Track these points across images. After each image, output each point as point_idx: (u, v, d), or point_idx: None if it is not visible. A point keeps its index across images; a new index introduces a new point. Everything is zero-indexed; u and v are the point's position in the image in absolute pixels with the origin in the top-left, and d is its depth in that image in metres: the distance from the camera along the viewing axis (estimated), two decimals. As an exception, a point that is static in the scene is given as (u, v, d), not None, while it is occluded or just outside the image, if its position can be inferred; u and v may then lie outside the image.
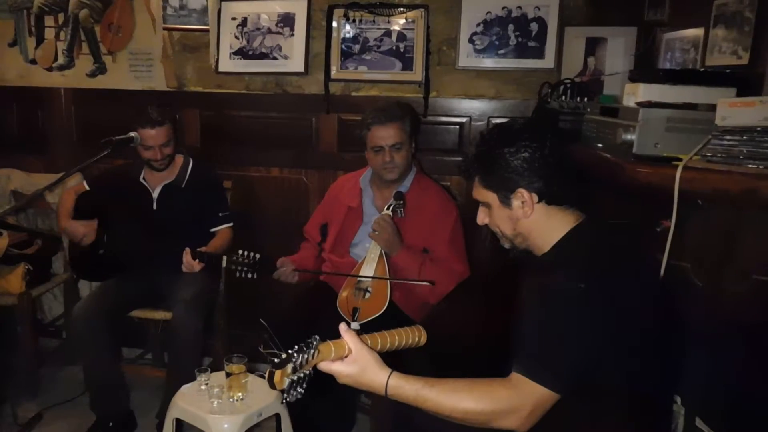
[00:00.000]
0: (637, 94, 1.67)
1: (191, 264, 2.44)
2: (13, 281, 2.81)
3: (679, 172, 1.41)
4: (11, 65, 3.24)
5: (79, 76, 3.19)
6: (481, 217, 1.56)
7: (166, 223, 2.63)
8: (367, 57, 2.88)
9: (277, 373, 1.18)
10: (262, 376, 2.06)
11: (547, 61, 2.72)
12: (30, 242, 2.98)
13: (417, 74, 2.83)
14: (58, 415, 2.74)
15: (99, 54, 3.14)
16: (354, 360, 1.31)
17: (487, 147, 1.49)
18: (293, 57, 2.93)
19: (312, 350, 1.23)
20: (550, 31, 2.70)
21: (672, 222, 1.50)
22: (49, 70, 3.21)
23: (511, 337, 1.38)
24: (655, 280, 1.53)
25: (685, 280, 1.58)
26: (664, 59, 2.23)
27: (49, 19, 3.17)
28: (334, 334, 1.34)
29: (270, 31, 2.95)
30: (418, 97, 2.84)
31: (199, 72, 3.07)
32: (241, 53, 2.98)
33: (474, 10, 2.75)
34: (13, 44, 3.22)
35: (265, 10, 2.94)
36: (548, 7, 2.69)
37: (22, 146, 3.29)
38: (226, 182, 2.92)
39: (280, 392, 1.21)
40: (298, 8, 2.90)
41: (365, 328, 2.10)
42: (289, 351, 1.20)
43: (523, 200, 1.45)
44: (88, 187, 2.76)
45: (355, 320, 2.19)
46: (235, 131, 3.06)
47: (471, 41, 2.77)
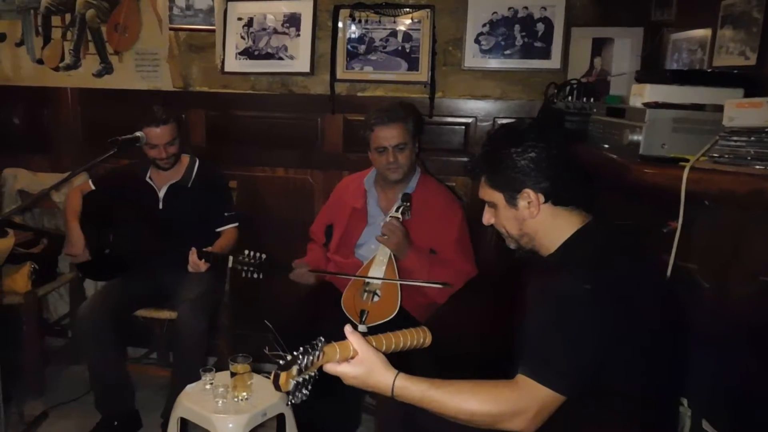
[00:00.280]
0: (644, 94, 1.67)
1: (197, 264, 2.45)
2: (19, 280, 2.82)
3: (685, 173, 1.40)
4: (18, 65, 3.25)
5: (86, 76, 3.19)
6: (487, 217, 1.56)
7: (172, 222, 2.63)
8: (373, 57, 2.88)
9: (282, 375, 1.18)
10: (266, 376, 2.06)
11: (554, 62, 2.72)
12: (36, 241, 2.99)
13: (423, 75, 2.83)
14: (64, 414, 2.75)
15: (105, 54, 3.15)
16: (360, 361, 1.31)
17: (493, 147, 1.48)
18: (299, 57, 2.93)
19: (317, 352, 1.23)
20: (556, 31, 2.70)
21: (679, 223, 1.49)
22: (56, 69, 3.22)
23: (516, 338, 1.38)
24: (662, 281, 1.53)
25: (692, 282, 1.57)
26: (671, 60, 2.22)
27: (56, 19, 3.18)
28: (340, 335, 1.33)
29: (276, 32, 2.95)
30: (424, 97, 2.84)
31: (205, 72, 3.07)
32: (247, 53, 2.99)
33: (480, 11, 2.75)
34: (20, 44, 3.23)
35: (271, 11, 2.94)
36: (554, 8, 2.69)
37: (29, 146, 3.30)
38: (232, 182, 2.93)
39: (286, 394, 1.21)
40: (304, 8, 2.90)
41: (372, 332, 2.10)
42: (294, 353, 1.20)
43: (530, 200, 1.45)
44: (93, 187, 2.77)
45: (363, 322, 2.18)
46: (240, 131, 3.06)
47: (477, 41, 2.77)
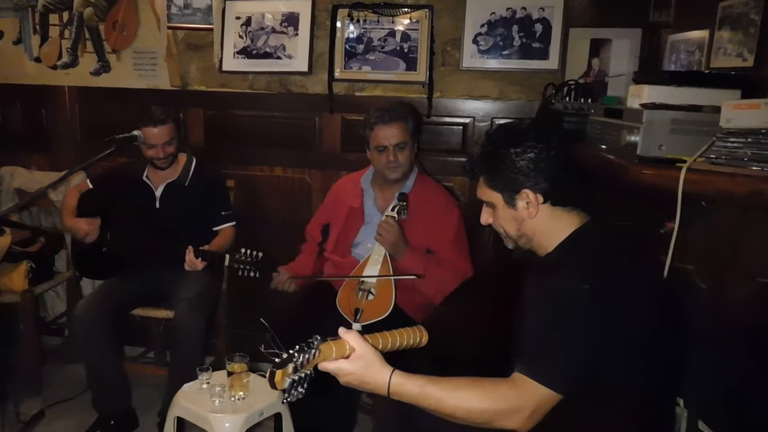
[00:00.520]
0: (642, 95, 1.67)
1: (194, 262, 2.45)
2: (16, 279, 2.82)
3: (683, 174, 1.41)
4: (16, 63, 3.24)
5: (83, 75, 3.19)
6: (486, 217, 1.56)
7: (169, 221, 2.63)
8: (371, 57, 2.88)
9: (278, 372, 1.18)
10: (263, 375, 2.06)
11: (552, 62, 2.72)
12: (33, 240, 2.98)
13: (421, 74, 2.83)
14: (61, 413, 2.75)
15: (103, 52, 3.14)
16: (357, 357, 1.31)
17: (492, 147, 1.48)
18: (297, 56, 2.93)
19: (313, 350, 1.23)
20: (554, 32, 2.70)
21: (676, 224, 1.49)
22: (54, 68, 3.21)
23: (513, 338, 1.38)
24: (659, 281, 1.53)
25: (689, 282, 1.57)
26: (669, 61, 2.23)
27: (54, 18, 3.17)
28: (335, 333, 1.33)
29: (274, 31, 2.95)
30: (422, 97, 2.84)
31: (203, 71, 3.07)
32: (245, 52, 2.98)
33: (478, 11, 2.75)
34: (18, 42, 3.23)
35: (270, 10, 2.94)
36: (553, 9, 2.69)
37: (26, 144, 3.30)
38: (230, 181, 2.93)
39: (281, 392, 1.21)
40: (303, 8, 2.90)
41: (367, 330, 2.10)
42: (290, 351, 1.20)
43: (528, 201, 1.45)
44: (91, 186, 2.76)
45: (357, 321, 2.18)
46: (238, 130, 3.06)
47: (475, 42, 2.77)
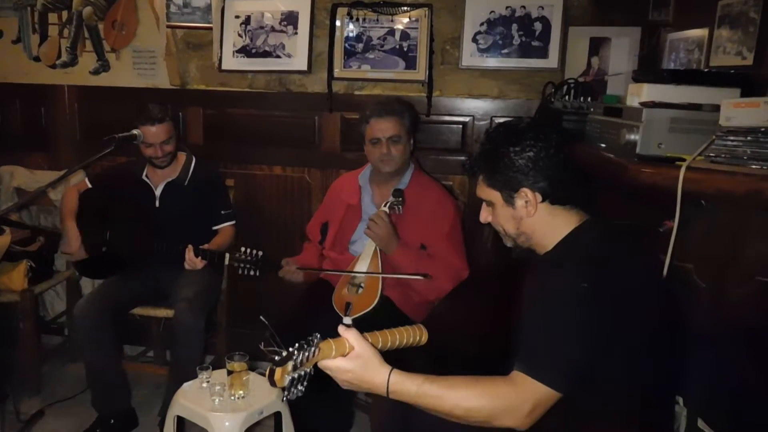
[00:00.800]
0: (641, 94, 1.67)
1: (193, 261, 2.45)
2: (16, 278, 2.82)
3: (682, 173, 1.40)
4: (15, 62, 3.24)
5: (83, 74, 3.18)
6: (485, 216, 1.56)
7: (169, 220, 2.63)
8: (371, 56, 2.88)
9: (278, 370, 1.18)
10: (263, 374, 2.06)
11: (551, 61, 2.72)
12: (32, 239, 2.98)
13: (420, 73, 2.83)
14: (60, 412, 2.75)
15: (102, 51, 3.14)
16: (356, 356, 1.31)
17: (492, 145, 1.48)
18: (296, 55, 2.93)
19: (313, 348, 1.23)
20: (554, 30, 2.70)
21: (675, 222, 1.49)
22: (53, 67, 3.21)
23: (513, 337, 1.38)
24: (658, 280, 1.53)
25: (689, 281, 1.57)
26: (668, 59, 2.23)
27: (53, 16, 3.17)
28: (334, 331, 1.33)
29: (273, 30, 2.95)
30: (422, 96, 2.84)
31: (203, 70, 3.07)
32: (245, 51, 2.98)
33: (478, 10, 2.75)
34: (17, 41, 3.23)
35: (269, 9, 2.94)
36: (552, 7, 2.69)
37: (26, 143, 3.29)
38: (229, 180, 2.93)
39: (281, 390, 1.21)
40: (302, 6, 2.90)
41: (358, 324, 2.11)
42: (290, 349, 1.20)
43: (527, 199, 1.45)
44: (90, 185, 2.76)
45: (348, 315, 2.20)
46: (238, 129, 3.06)
47: (474, 40, 2.77)
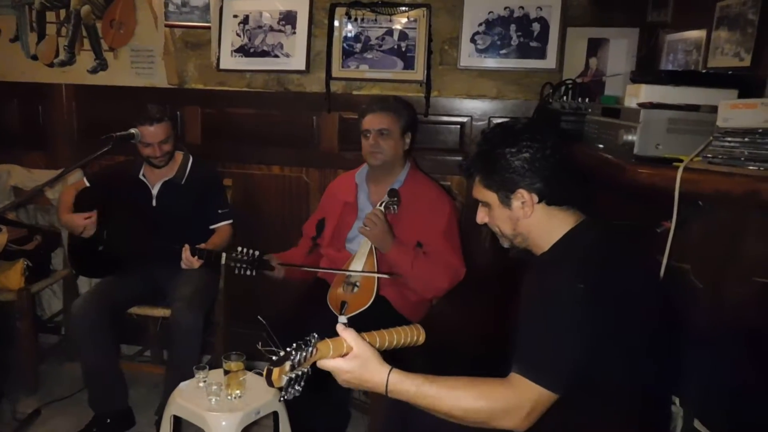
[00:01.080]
0: (639, 95, 1.67)
1: (190, 261, 2.44)
2: (13, 277, 2.81)
3: (680, 174, 1.41)
4: (13, 61, 3.24)
5: (81, 73, 3.18)
6: (481, 217, 1.56)
7: (166, 219, 2.63)
8: (369, 56, 2.87)
9: (275, 370, 1.18)
10: (260, 374, 2.06)
11: (549, 62, 2.72)
12: (29, 238, 2.98)
13: (419, 73, 2.83)
14: (57, 411, 2.74)
15: (100, 50, 3.14)
16: (355, 356, 1.31)
17: (488, 146, 1.48)
18: (295, 55, 2.93)
19: (310, 348, 1.23)
20: (552, 31, 2.70)
21: (672, 223, 1.49)
22: (51, 66, 3.21)
23: (510, 337, 1.38)
24: (655, 280, 1.53)
25: (686, 282, 1.57)
26: (666, 60, 2.23)
27: (51, 15, 3.17)
28: (331, 330, 1.33)
29: (272, 29, 2.94)
30: (420, 96, 2.84)
31: (201, 69, 3.07)
32: (243, 51, 2.98)
33: (476, 10, 2.75)
34: (15, 40, 3.22)
35: (267, 8, 2.94)
36: (551, 8, 2.69)
37: (23, 142, 3.29)
38: (227, 180, 2.93)
39: (278, 390, 1.21)
40: (300, 6, 2.90)
41: (355, 324, 2.10)
42: (287, 349, 1.20)
43: (523, 200, 1.44)
44: (87, 184, 2.75)
45: (343, 314, 2.20)
46: (236, 129, 3.06)
47: (473, 41, 2.77)
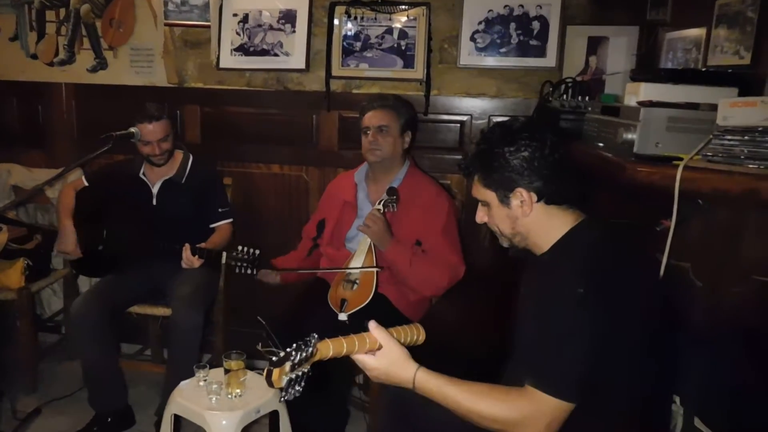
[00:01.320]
0: (639, 93, 1.67)
1: (190, 260, 2.45)
2: (13, 276, 2.81)
3: (679, 172, 1.41)
4: (12, 60, 3.23)
5: (80, 72, 3.18)
6: (480, 216, 1.56)
7: (166, 218, 2.63)
8: (369, 54, 2.87)
9: (275, 371, 1.18)
10: (260, 373, 2.06)
11: (549, 60, 2.72)
12: (29, 237, 2.98)
13: (418, 72, 2.83)
14: (57, 410, 2.75)
15: (100, 49, 3.13)
16: (384, 354, 1.35)
17: (487, 145, 1.48)
18: (294, 54, 2.93)
19: (310, 348, 1.23)
20: (552, 29, 2.70)
21: (672, 222, 1.49)
22: (50, 65, 3.20)
23: (509, 337, 1.38)
24: (655, 279, 1.53)
25: (685, 280, 1.57)
26: (666, 59, 2.23)
27: (51, 14, 3.16)
28: (331, 329, 1.34)
29: (271, 28, 2.94)
30: (420, 95, 2.83)
31: (200, 68, 3.06)
32: (242, 50, 2.98)
33: (476, 8, 2.74)
34: (14, 39, 3.22)
35: (267, 7, 2.93)
36: (550, 6, 2.68)
37: (23, 141, 3.28)
38: (227, 179, 2.92)
39: (278, 390, 1.21)
40: (300, 5, 2.89)
41: (355, 322, 2.10)
42: (288, 349, 1.20)
43: (522, 200, 1.44)
44: (87, 183, 2.75)
45: (343, 311, 2.20)
46: (235, 128, 3.05)
47: (473, 39, 2.76)
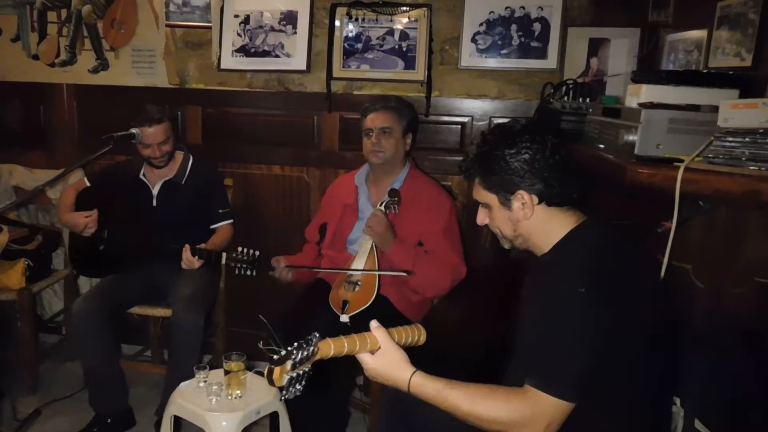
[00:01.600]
0: (640, 95, 1.67)
1: (191, 261, 2.45)
2: (14, 277, 2.81)
3: (680, 174, 1.40)
4: (14, 60, 3.24)
5: (82, 72, 3.18)
6: (481, 218, 1.55)
7: (166, 219, 2.63)
8: (370, 56, 2.87)
9: (276, 370, 1.18)
10: (261, 374, 2.06)
11: (550, 62, 2.72)
12: (30, 238, 2.98)
13: (419, 73, 2.83)
14: (58, 411, 2.75)
15: (101, 50, 3.14)
16: (382, 355, 1.36)
17: (487, 148, 1.48)
18: (295, 55, 2.93)
19: (311, 347, 1.23)
20: (553, 31, 2.70)
21: (673, 223, 1.49)
22: (52, 65, 3.21)
23: (510, 338, 1.38)
24: (656, 281, 1.53)
25: (686, 282, 1.57)
26: (667, 60, 2.23)
27: (52, 15, 3.17)
28: (332, 329, 1.34)
29: (272, 29, 2.94)
30: (421, 96, 2.83)
31: (202, 69, 3.07)
32: (244, 51, 2.98)
33: (477, 10, 2.74)
34: (16, 39, 3.22)
35: (268, 8, 2.94)
36: (551, 8, 2.69)
37: (24, 142, 3.29)
38: (228, 180, 2.93)
39: (279, 389, 1.21)
40: (301, 6, 2.90)
41: (356, 323, 2.10)
42: (289, 348, 1.20)
43: (523, 202, 1.44)
44: (88, 183, 2.76)
45: (345, 313, 2.20)
46: (236, 129, 3.06)
47: (474, 41, 2.77)
